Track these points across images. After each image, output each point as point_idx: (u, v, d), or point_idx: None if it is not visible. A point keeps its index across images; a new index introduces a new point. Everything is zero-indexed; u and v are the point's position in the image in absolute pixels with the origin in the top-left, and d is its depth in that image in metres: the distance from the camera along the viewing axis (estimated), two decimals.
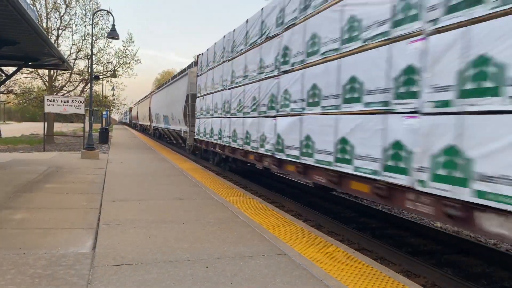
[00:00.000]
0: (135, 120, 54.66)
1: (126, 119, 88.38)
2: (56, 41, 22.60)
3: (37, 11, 21.70)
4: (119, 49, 34.55)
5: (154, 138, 33.35)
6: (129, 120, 75.85)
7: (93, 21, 18.44)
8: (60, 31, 23.07)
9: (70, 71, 22.82)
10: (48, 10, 22.61)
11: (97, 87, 35.65)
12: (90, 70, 17.99)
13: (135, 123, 56.02)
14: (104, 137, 24.39)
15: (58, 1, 22.72)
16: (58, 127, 34.24)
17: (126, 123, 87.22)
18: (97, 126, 33.78)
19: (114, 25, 15.72)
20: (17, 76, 21.93)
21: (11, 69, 13.64)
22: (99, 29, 23.87)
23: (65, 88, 24.85)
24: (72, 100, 17.05)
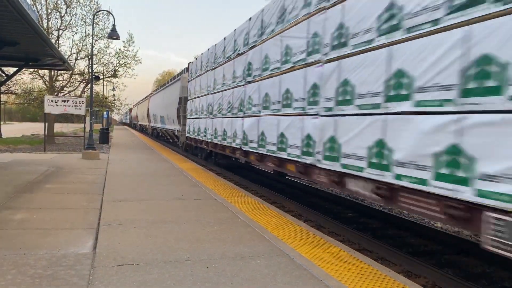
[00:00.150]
0: (135, 120, 56.07)
1: (126, 120, 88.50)
2: (57, 42, 22.63)
3: (38, 11, 21.73)
4: (119, 49, 34.63)
5: (153, 138, 33.75)
6: (129, 120, 76.20)
7: (93, 21, 18.48)
8: (60, 32, 23.13)
9: (71, 72, 22.86)
10: (49, 11, 22.66)
11: (98, 88, 35.73)
12: (90, 70, 18.03)
13: (135, 123, 57.24)
14: (105, 137, 24.40)
15: (59, 2, 22.78)
16: (58, 127, 34.28)
17: (126, 123, 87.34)
18: (97, 126, 33.82)
19: (114, 25, 15.71)
20: (17, 77, 21.98)
21: (12, 70, 13.68)
22: (100, 29, 23.92)
23: (65, 88, 24.91)
24: (73, 101, 17.06)
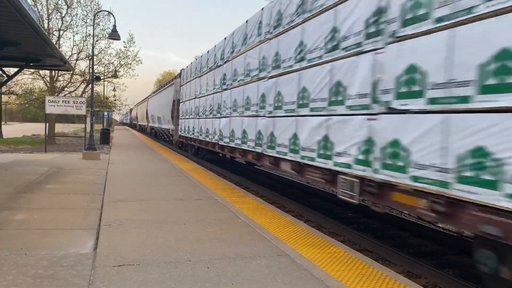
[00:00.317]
0: (135, 120, 57.15)
1: (126, 120, 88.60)
2: (57, 42, 22.64)
3: (38, 12, 21.74)
4: (120, 49, 34.63)
5: (153, 138, 34.16)
6: (129, 120, 76.49)
7: (94, 22, 18.50)
8: (61, 32, 23.13)
9: (72, 72, 22.87)
10: (49, 11, 22.67)
11: (99, 88, 35.68)
12: (91, 71, 18.04)
13: (135, 124, 58.18)
14: (105, 137, 24.42)
15: (59, 2, 22.79)
16: (59, 127, 34.28)
17: (127, 123, 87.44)
18: (98, 126, 33.85)
19: (115, 25, 15.73)
20: (18, 77, 21.99)
21: (13, 70, 13.69)
22: (100, 30, 23.93)
23: (66, 89, 24.89)
24: (74, 101, 17.07)
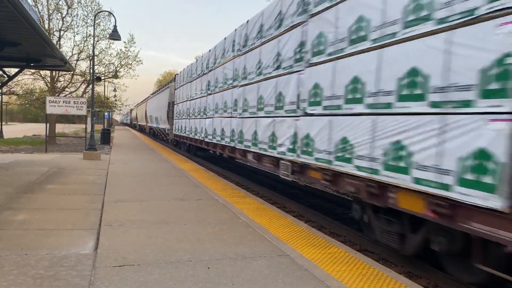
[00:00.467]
0: (135, 121, 58.11)
1: (127, 120, 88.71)
2: (58, 42, 22.66)
3: (39, 12, 21.76)
4: (120, 50, 34.70)
5: (152, 138, 34.77)
6: (129, 121, 76.73)
7: (94, 22, 18.53)
8: (62, 32, 23.16)
9: (72, 72, 22.88)
10: (50, 12, 22.69)
11: (99, 88, 35.68)
12: (92, 71, 18.04)
13: (135, 124, 59.08)
14: (106, 138, 24.44)
15: (60, 3, 22.82)
16: (60, 128, 34.32)
17: (127, 123, 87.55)
18: (99, 127, 33.85)
19: (115, 26, 15.71)
20: (19, 77, 22.04)
21: (13, 70, 13.68)
22: (101, 30, 23.97)
23: (67, 89, 24.90)
24: (74, 101, 17.07)
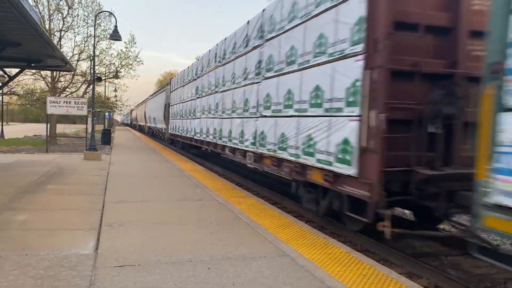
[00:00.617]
0: (135, 121, 59.27)
1: (127, 121, 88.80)
2: (59, 43, 22.67)
3: (40, 12, 21.78)
4: (121, 50, 34.73)
5: (152, 138, 35.57)
6: (130, 121, 77.04)
7: (95, 22, 18.55)
8: (62, 33, 23.18)
9: (73, 73, 22.90)
10: (51, 12, 22.72)
11: (100, 89, 35.74)
12: (92, 71, 18.05)
13: (135, 124, 60.08)
14: (107, 138, 24.45)
15: (61, 3, 22.84)
16: (60, 128, 34.32)
17: (127, 124, 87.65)
18: (100, 127, 33.87)
19: (116, 26, 15.69)
20: (20, 78, 22.07)
21: (14, 71, 13.70)
22: (102, 30, 24.00)
23: (67, 89, 24.93)
24: (75, 102, 17.07)
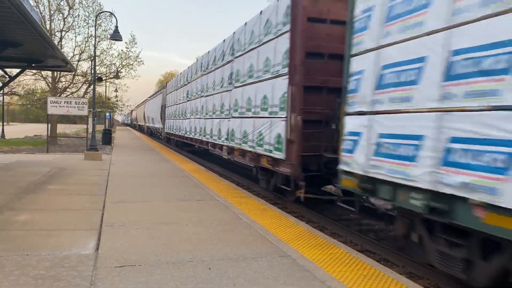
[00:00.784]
0: (135, 121, 60.82)
1: (128, 121, 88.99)
2: (59, 43, 22.68)
3: (41, 13, 21.79)
4: (122, 50, 34.76)
5: (151, 137, 36.69)
6: (130, 121, 77.38)
7: (96, 22, 18.55)
8: (63, 33, 23.21)
9: (73, 73, 22.91)
10: (51, 12, 22.74)
11: (100, 89, 35.76)
12: (93, 71, 18.06)
13: (135, 124, 61.47)
14: (107, 138, 24.48)
15: (61, 3, 22.85)
16: (61, 128, 34.33)
17: (128, 124, 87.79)
18: (100, 127, 33.89)
19: (117, 26, 15.70)
20: (20, 78, 22.04)
21: (15, 71, 13.70)
22: (102, 30, 24.02)
23: (68, 89, 24.95)
24: (75, 102, 17.10)
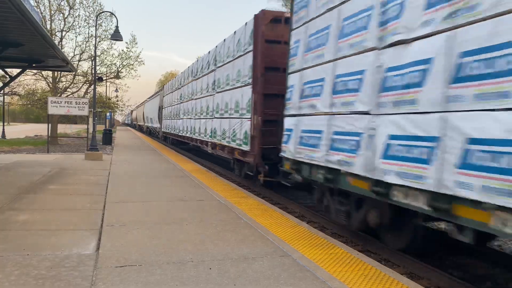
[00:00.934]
0: (135, 121, 62.19)
1: (128, 121, 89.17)
2: (60, 43, 22.70)
3: (41, 13, 21.80)
4: (122, 50, 34.75)
5: (150, 137, 37.41)
6: (130, 121, 77.66)
7: (96, 23, 18.57)
8: (63, 33, 23.21)
9: (74, 73, 22.92)
10: (52, 12, 22.76)
11: (101, 89, 35.84)
12: (93, 71, 18.07)
13: (135, 124, 62.76)
14: (108, 138, 24.49)
15: (62, 3, 22.87)
16: (62, 128, 34.36)
17: (128, 124, 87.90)
18: (101, 127, 33.91)
19: (117, 26, 15.72)
20: (21, 78, 22.07)
21: (15, 71, 13.70)
22: (103, 30, 23.99)
23: (68, 89, 24.96)
24: (76, 102, 17.10)
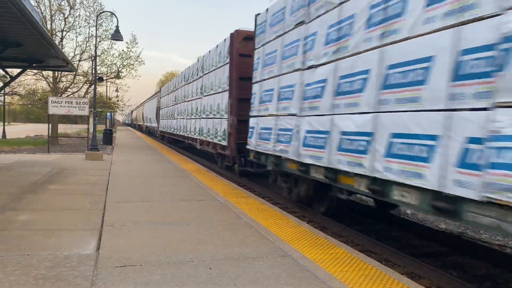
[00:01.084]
0: (135, 121, 63.21)
1: (128, 121, 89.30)
2: (60, 43, 22.70)
3: (42, 13, 21.80)
4: (122, 50, 34.77)
5: (150, 136, 38.22)
6: (130, 121, 77.92)
7: (97, 22, 18.56)
8: (64, 33, 23.19)
9: (74, 73, 22.93)
10: (52, 12, 22.74)
11: (101, 89, 35.88)
12: (94, 71, 18.07)
13: (135, 124, 63.77)
14: (108, 138, 24.48)
15: (62, 3, 22.88)
16: (62, 128, 34.37)
17: (129, 124, 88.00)
18: (101, 127, 33.92)
19: (118, 26, 15.68)
20: (21, 78, 22.06)
21: (16, 71, 13.71)
22: (103, 30, 23.98)
23: (69, 89, 24.96)
24: (76, 102, 17.08)
